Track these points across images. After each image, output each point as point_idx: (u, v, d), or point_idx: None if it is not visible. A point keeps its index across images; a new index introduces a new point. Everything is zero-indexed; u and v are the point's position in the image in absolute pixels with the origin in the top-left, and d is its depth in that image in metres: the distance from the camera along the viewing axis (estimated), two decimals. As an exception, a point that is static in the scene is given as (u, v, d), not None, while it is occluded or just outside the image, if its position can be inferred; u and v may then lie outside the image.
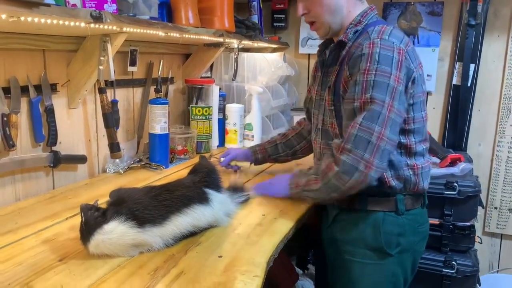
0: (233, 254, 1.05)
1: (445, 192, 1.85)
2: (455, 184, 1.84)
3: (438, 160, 2.04)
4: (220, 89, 2.23)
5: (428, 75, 2.41)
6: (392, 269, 1.28)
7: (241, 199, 1.36)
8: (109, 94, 1.69)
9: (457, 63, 2.35)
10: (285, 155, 1.68)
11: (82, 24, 1.17)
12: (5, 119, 1.27)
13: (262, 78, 2.31)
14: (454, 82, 2.38)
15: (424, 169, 1.29)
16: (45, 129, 1.43)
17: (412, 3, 2.41)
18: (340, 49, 1.27)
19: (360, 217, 1.28)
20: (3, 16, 0.97)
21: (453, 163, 1.96)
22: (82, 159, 1.57)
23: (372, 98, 1.12)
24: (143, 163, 1.78)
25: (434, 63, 2.42)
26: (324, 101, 1.31)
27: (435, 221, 1.88)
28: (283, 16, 2.67)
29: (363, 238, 1.28)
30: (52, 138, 1.44)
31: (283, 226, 1.23)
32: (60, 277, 0.94)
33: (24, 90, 1.35)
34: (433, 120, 2.45)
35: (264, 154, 1.69)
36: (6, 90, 1.29)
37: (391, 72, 1.13)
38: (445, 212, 1.87)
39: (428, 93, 2.44)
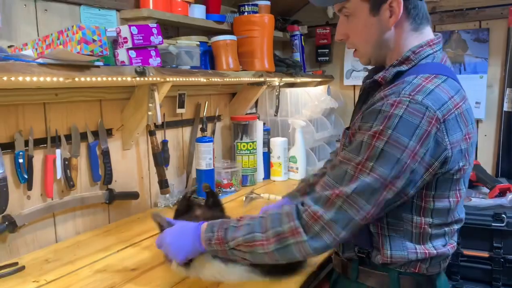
0: None
1: (493, 224, 1.80)
2: (503, 215, 1.78)
3: (487, 191, 1.99)
4: (264, 124, 2.34)
5: (477, 103, 2.37)
6: None
7: None
8: (160, 135, 1.86)
9: (507, 89, 2.29)
10: None
11: (129, 79, 1.34)
12: (66, 162, 1.46)
13: (305, 112, 2.39)
14: (505, 108, 2.31)
15: (441, 256, 1.02)
16: (102, 169, 1.61)
17: (456, 31, 2.39)
18: (376, 88, 1.04)
19: None
20: (61, 79, 1.15)
21: (502, 193, 1.90)
22: (135, 195, 1.72)
23: (372, 170, 0.90)
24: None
25: (483, 90, 2.37)
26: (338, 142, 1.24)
27: (485, 253, 1.83)
28: (327, 50, 2.75)
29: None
30: (108, 177, 1.62)
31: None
32: (106, 306, 1.07)
33: (83, 136, 1.53)
34: (485, 148, 2.38)
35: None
36: (68, 137, 1.48)
37: (407, 144, 0.89)
38: (495, 244, 1.81)
39: (479, 121, 2.38)
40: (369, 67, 1.17)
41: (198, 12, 1.85)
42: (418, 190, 0.95)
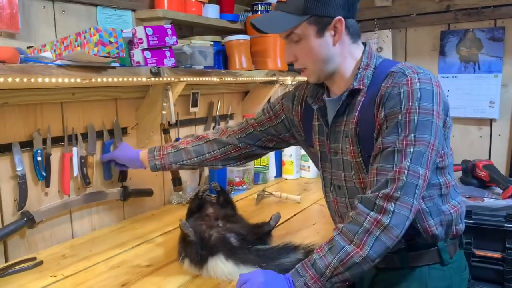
0: None
1: (506, 225, 1.79)
2: (516, 216, 1.77)
3: (500, 191, 1.98)
4: (277, 122, 2.35)
5: (491, 102, 2.35)
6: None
7: None
8: (174, 133, 1.89)
9: (523, 88, 2.27)
10: (190, 162, 1.40)
11: (144, 79, 1.36)
12: (82, 160, 1.49)
13: (318, 111, 2.40)
14: (520, 108, 2.29)
15: (462, 207, 1.18)
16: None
17: (471, 29, 2.37)
18: (354, 96, 1.13)
19: (403, 275, 1.15)
20: (78, 80, 1.17)
21: (516, 194, 1.89)
22: (149, 193, 1.76)
23: (416, 140, 1.00)
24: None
25: (497, 90, 2.35)
26: (342, 154, 1.15)
27: (497, 254, 1.82)
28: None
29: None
30: (123, 174, 1.65)
31: None
32: (121, 301, 1.10)
33: (99, 134, 1.57)
34: (498, 148, 2.36)
35: (163, 161, 1.40)
36: (84, 136, 1.51)
37: (433, 108, 1.02)
38: (507, 245, 1.80)
39: (493, 120, 2.36)
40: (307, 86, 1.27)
41: (212, 12, 1.87)
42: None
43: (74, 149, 1.48)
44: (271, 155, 2.27)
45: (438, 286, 1.14)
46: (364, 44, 1.16)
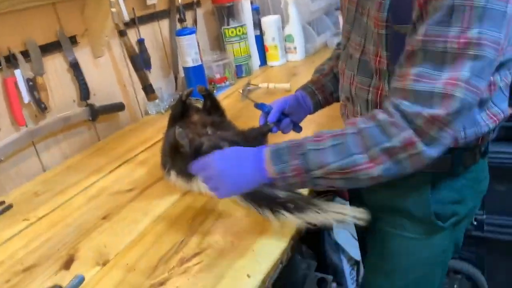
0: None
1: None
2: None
3: None
4: (252, 2, 2.06)
5: None
6: (443, 245, 0.97)
7: None
8: (134, 33, 1.63)
9: None
10: None
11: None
12: (30, 83, 1.26)
13: (296, -19, 2.09)
14: None
15: (504, 116, 0.86)
16: (76, 84, 1.42)
17: None
18: None
19: (401, 178, 0.85)
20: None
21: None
22: (120, 107, 1.55)
23: (480, 39, 0.67)
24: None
25: None
26: (367, 17, 0.85)
27: None
28: None
29: (406, 207, 0.93)
30: (84, 92, 1.43)
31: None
32: (104, 237, 0.96)
33: (44, 50, 1.32)
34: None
35: (324, 94, 1.11)
36: (25, 54, 1.26)
37: None
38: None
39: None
40: None
41: None
42: None
43: (17, 72, 1.24)
44: (252, 42, 2.02)
45: (443, 198, 0.91)
46: None
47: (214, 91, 1.82)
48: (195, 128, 1.15)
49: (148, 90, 1.54)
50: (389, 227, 0.97)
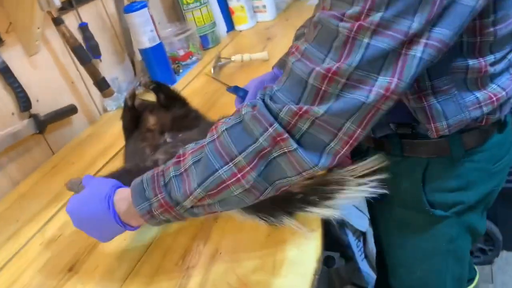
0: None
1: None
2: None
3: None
4: (207, -40, 1.77)
5: None
6: (449, 235, 0.84)
7: None
8: (74, 18, 1.35)
9: None
10: None
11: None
12: (-52, 105, 1.00)
13: None
14: None
15: (507, 93, 0.69)
16: (10, 93, 1.16)
17: None
18: None
19: (394, 164, 0.77)
20: None
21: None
22: (71, 110, 1.30)
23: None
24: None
25: None
26: None
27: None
28: None
29: (399, 195, 0.81)
30: (23, 100, 1.17)
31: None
32: (73, 300, 0.75)
33: (-42, 58, 1.04)
34: None
35: None
36: None
37: None
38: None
39: None
40: None
41: None
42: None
43: None
44: (215, 6, 1.74)
45: (438, 186, 0.78)
46: None
47: (180, 70, 1.57)
48: (151, 138, 0.93)
49: (102, 85, 1.28)
50: (390, 215, 0.87)
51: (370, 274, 1.83)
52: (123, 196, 0.66)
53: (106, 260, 0.80)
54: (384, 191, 0.70)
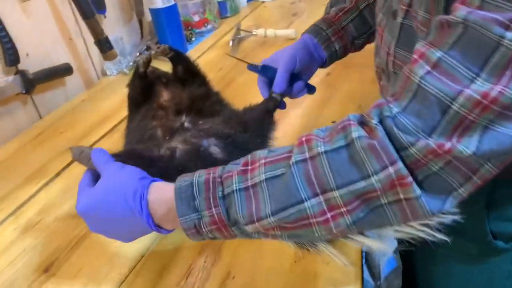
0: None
1: None
2: None
3: None
4: None
5: None
6: (508, 270, 0.72)
7: None
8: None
9: None
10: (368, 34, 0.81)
11: None
12: None
13: None
14: None
15: None
16: (-5, 43, 0.98)
17: None
18: None
19: None
20: None
21: None
22: (65, 70, 1.13)
23: None
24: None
25: None
26: None
27: None
28: None
29: (460, 224, 0.70)
30: (11, 53, 1.00)
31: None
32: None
33: None
34: None
35: (343, 41, 0.79)
36: None
37: None
38: None
39: None
40: None
41: None
42: None
43: None
44: (236, -30, 1.56)
45: (507, 214, 0.65)
46: None
47: (193, 38, 1.40)
48: (165, 117, 0.77)
49: (104, 45, 1.11)
50: (446, 249, 0.70)
51: (369, 281, 1.71)
52: (161, 196, 0.50)
53: (91, 264, 0.66)
54: (446, 238, 0.54)
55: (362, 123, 0.43)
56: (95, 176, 0.57)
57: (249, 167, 0.47)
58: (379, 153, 0.40)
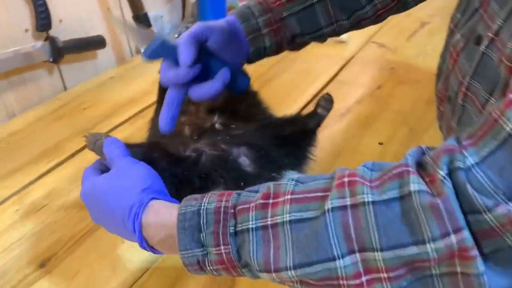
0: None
1: None
2: None
3: None
4: None
5: None
6: None
7: None
8: None
9: None
10: (331, 30, 0.63)
11: None
12: None
13: None
14: None
15: None
16: (29, 5, 0.92)
17: None
18: None
19: None
20: None
21: None
22: (98, 42, 1.06)
23: None
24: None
25: None
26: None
27: None
28: None
29: None
30: (43, 17, 0.93)
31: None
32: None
33: None
34: None
35: (279, 37, 0.61)
36: None
37: None
38: None
39: None
40: None
41: None
42: None
43: None
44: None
45: None
46: None
47: (236, 26, 1.31)
48: (195, 116, 0.68)
49: (142, 21, 1.04)
50: None
51: None
52: (160, 218, 0.42)
53: (91, 266, 0.59)
54: None
55: (423, 169, 0.33)
56: (105, 166, 0.52)
57: (271, 201, 0.37)
58: (442, 216, 0.30)
